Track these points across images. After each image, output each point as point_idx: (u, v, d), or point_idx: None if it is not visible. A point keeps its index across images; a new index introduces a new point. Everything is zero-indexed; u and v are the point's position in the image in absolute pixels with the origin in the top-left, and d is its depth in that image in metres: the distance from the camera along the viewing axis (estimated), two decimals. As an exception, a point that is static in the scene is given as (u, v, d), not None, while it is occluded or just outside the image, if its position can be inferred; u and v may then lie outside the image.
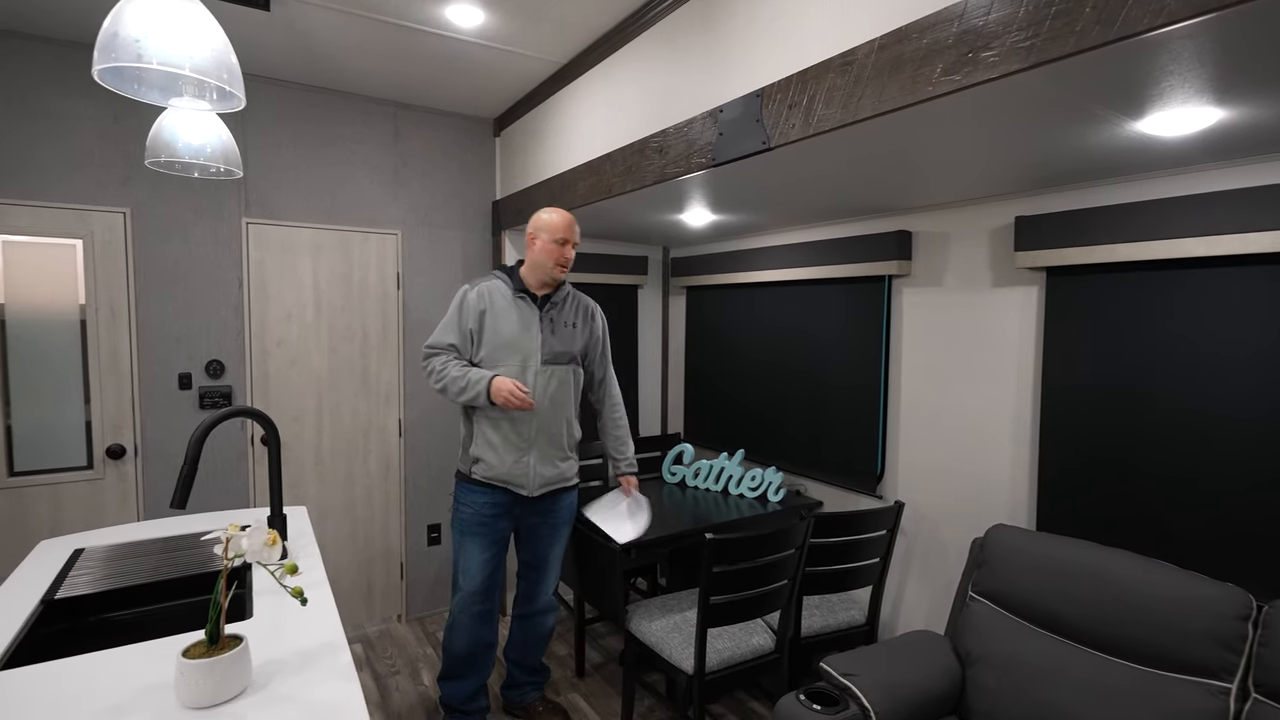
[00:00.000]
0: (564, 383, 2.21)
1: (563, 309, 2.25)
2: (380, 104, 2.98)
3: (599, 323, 2.35)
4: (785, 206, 2.41)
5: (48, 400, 2.45)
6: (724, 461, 2.90)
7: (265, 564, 0.99)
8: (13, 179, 2.34)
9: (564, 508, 2.30)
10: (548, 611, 2.39)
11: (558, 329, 2.20)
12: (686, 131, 1.86)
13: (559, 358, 2.19)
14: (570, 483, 2.31)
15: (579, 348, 2.25)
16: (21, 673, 1.08)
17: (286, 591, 1.01)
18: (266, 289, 2.80)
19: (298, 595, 1.00)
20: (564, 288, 2.27)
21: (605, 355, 2.39)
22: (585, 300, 2.34)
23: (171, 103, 1.15)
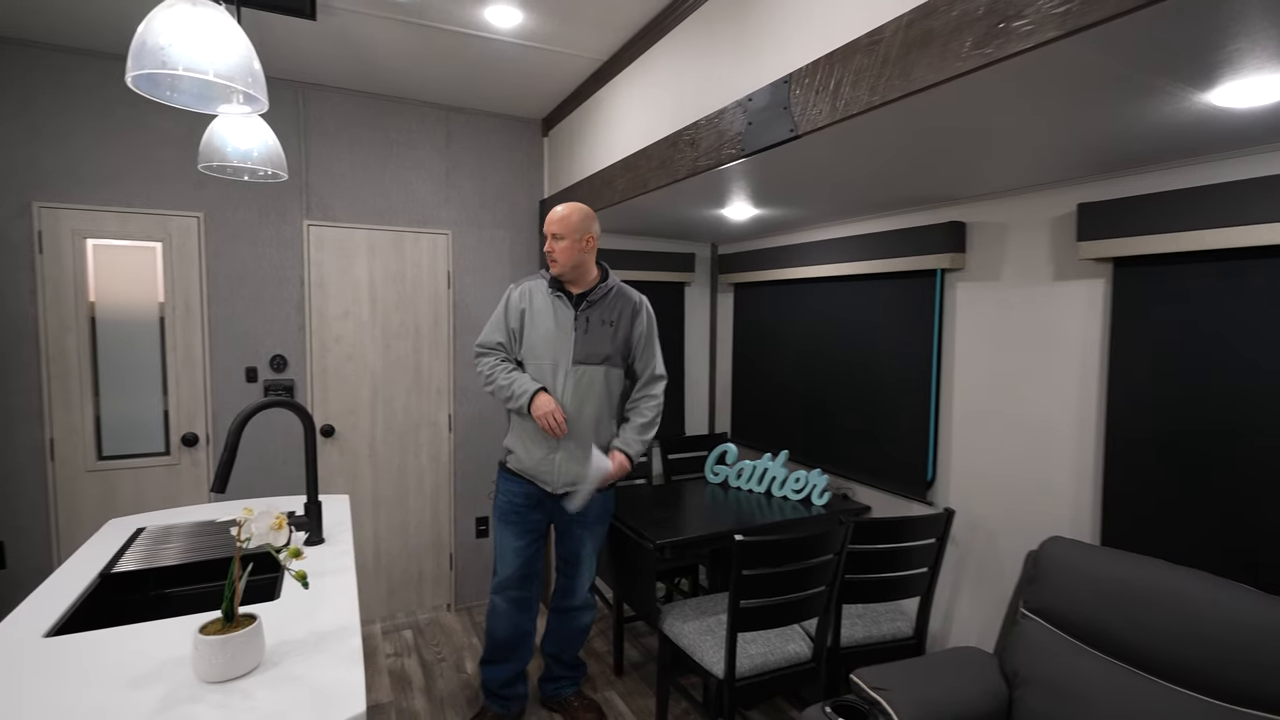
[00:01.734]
0: (594, 383, 2.16)
1: (600, 307, 2.19)
2: (433, 108, 3.08)
3: (643, 319, 2.23)
4: (828, 199, 2.32)
5: (131, 391, 2.67)
6: (767, 462, 2.82)
7: (271, 547, 1.03)
8: (103, 188, 2.55)
9: (594, 507, 2.24)
10: (583, 609, 2.38)
11: (592, 328, 2.17)
12: (717, 122, 1.82)
13: (590, 358, 2.15)
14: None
15: (614, 347, 2.18)
16: (67, 640, 1.17)
17: (290, 574, 1.05)
18: (325, 288, 2.94)
19: (300, 579, 1.04)
20: (606, 284, 2.22)
21: (651, 353, 2.25)
22: (631, 296, 2.24)
23: (202, 108, 1.21)
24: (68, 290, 2.54)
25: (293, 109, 2.83)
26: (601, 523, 2.32)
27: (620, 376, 2.23)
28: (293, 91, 2.82)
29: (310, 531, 1.65)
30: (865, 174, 1.92)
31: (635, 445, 2.20)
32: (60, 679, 1.03)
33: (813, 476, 2.68)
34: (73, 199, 2.52)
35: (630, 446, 2.20)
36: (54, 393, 2.54)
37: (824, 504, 2.63)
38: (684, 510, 2.68)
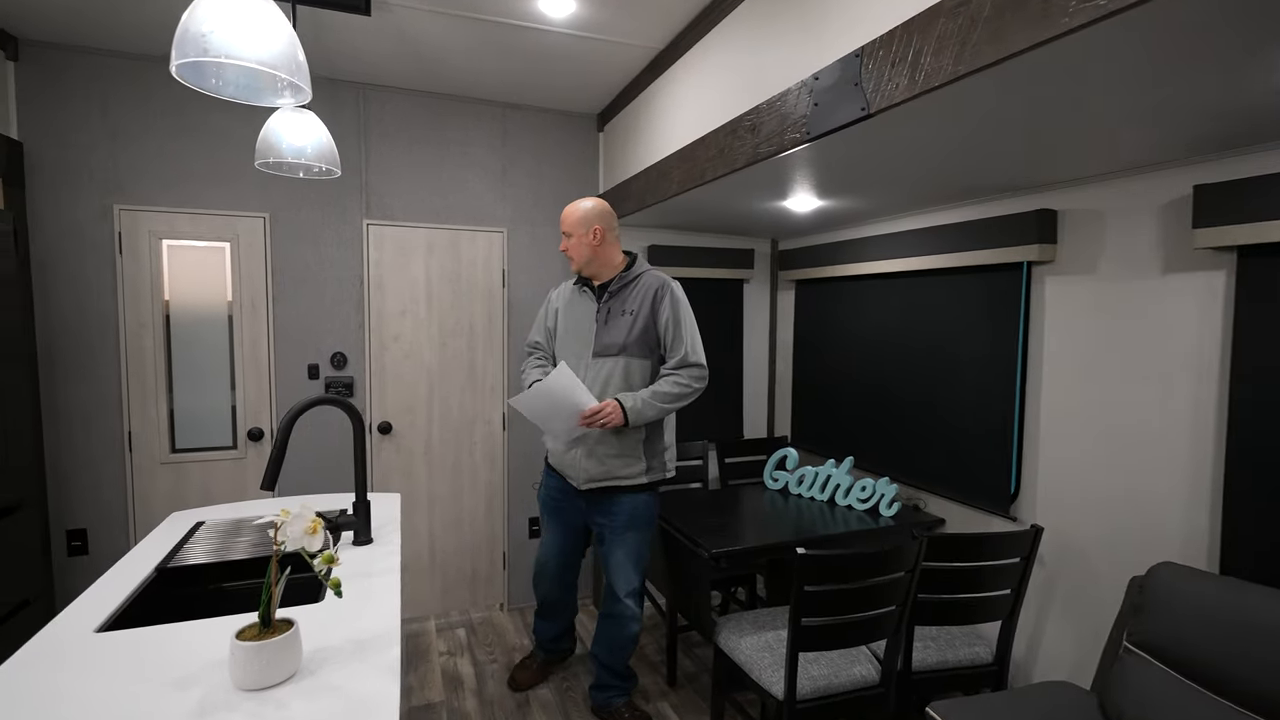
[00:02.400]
0: (613, 376, 2.09)
1: (620, 296, 2.14)
2: (489, 105, 3.06)
3: (665, 304, 2.09)
4: (901, 187, 2.16)
5: (201, 387, 2.76)
6: (830, 469, 2.67)
7: (305, 553, 0.99)
8: (176, 190, 2.64)
9: (624, 510, 2.14)
10: (624, 617, 2.24)
11: (611, 318, 2.12)
12: (779, 106, 1.70)
13: (607, 350, 2.11)
14: (625, 482, 2.12)
15: (630, 337, 2.08)
16: (116, 636, 1.16)
17: (324, 583, 1.01)
18: (384, 287, 2.97)
19: (334, 587, 0.99)
20: (630, 273, 2.16)
21: (680, 338, 2.08)
22: (652, 281, 2.13)
23: (249, 100, 1.18)
24: (145, 289, 2.64)
25: (354, 110, 2.86)
26: (634, 529, 2.17)
27: (644, 367, 2.11)
28: (354, 92, 2.85)
29: (358, 531, 1.63)
30: (944, 157, 1.76)
31: (632, 401, 2.00)
32: (102, 677, 1.02)
33: (880, 485, 2.51)
34: (149, 201, 2.62)
35: (626, 400, 2.00)
36: (132, 387, 2.65)
37: (893, 515, 2.46)
38: (741, 517, 2.56)
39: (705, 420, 3.32)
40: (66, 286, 2.54)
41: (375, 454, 3.01)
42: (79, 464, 2.60)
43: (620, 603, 2.21)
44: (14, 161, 2.40)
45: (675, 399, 2.05)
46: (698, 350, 2.10)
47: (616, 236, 2.21)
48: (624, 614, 2.23)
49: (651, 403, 2.02)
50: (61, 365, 2.55)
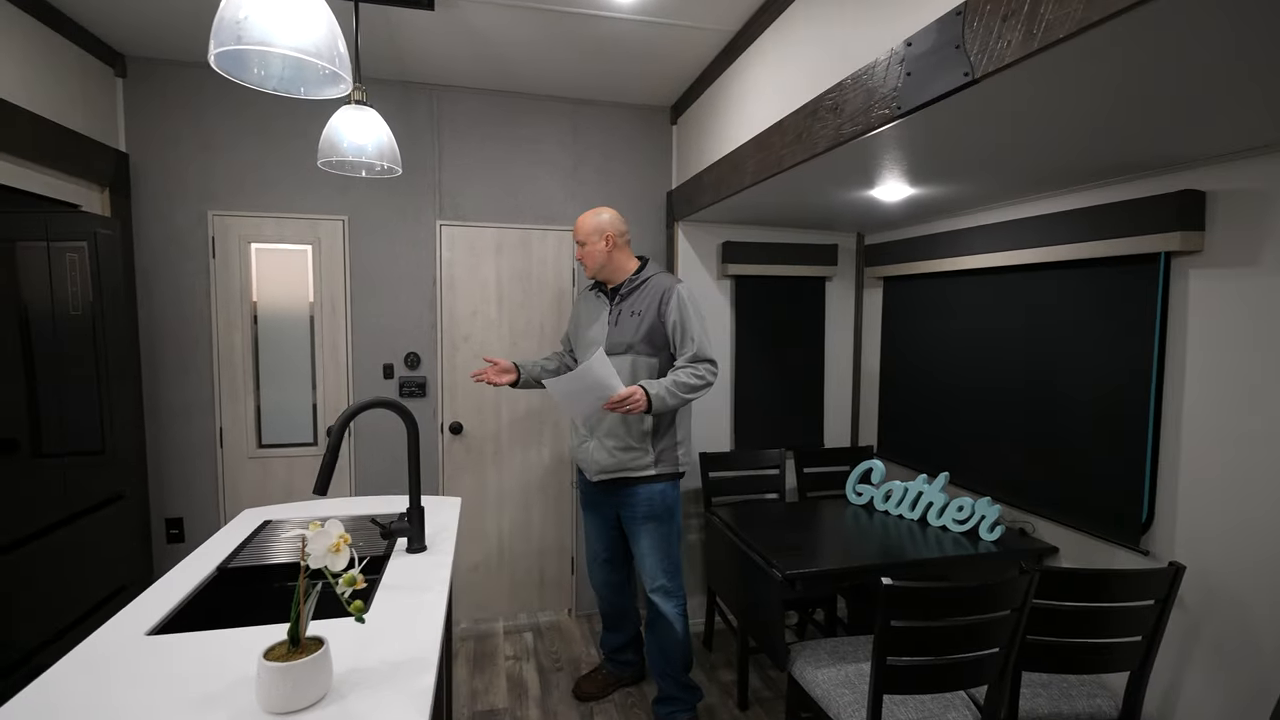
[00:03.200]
0: (621, 372, 2.15)
1: (630, 298, 2.27)
2: (559, 101, 3.01)
3: (672, 305, 2.19)
4: (1009, 169, 1.90)
5: (285, 385, 2.85)
6: (922, 485, 2.42)
7: (328, 572, 0.92)
8: (263, 195, 2.74)
9: (642, 501, 2.23)
10: (659, 615, 2.26)
11: (622, 319, 2.25)
12: (866, 80, 1.51)
13: (616, 348, 2.22)
14: (638, 474, 2.22)
15: (638, 336, 2.20)
16: (164, 641, 1.15)
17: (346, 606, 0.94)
18: (455, 286, 2.98)
19: (357, 613, 0.92)
20: (638, 276, 2.28)
21: (689, 336, 2.18)
22: (660, 284, 2.25)
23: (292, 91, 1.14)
24: (235, 291, 2.76)
25: (427, 111, 2.88)
26: (653, 519, 2.24)
27: (651, 365, 2.23)
28: (427, 94, 2.87)
29: (413, 538, 1.58)
30: (1065, 130, 1.51)
31: (656, 388, 2.08)
32: (134, 688, 1.00)
33: (981, 506, 2.24)
34: (239, 207, 2.73)
35: (651, 387, 2.08)
36: (223, 385, 2.77)
37: (995, 540, 2.19)
38: (821, 535, 2.37)
39: (783, 427, 3.12)
40: (166, 289, 2.69)
41: (446, 453, 3.02)
42: (176, 457, 2.75)
43: (650, 597, 2.28)
44: (120, 172, 2.56)
45: (692, 389, 2.14)
46: (706, 347, 2.19)
47: (627, 242, 2.35)
48: (656, 612, 2.27)
49: (673, 391, 2.10)
50: (161, 364, 2.71)
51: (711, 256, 3.04)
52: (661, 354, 2.23)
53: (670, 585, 2.25)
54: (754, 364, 3.09)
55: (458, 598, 3.08)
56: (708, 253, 3.04)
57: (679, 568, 2.29)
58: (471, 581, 3.10)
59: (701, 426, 3.05)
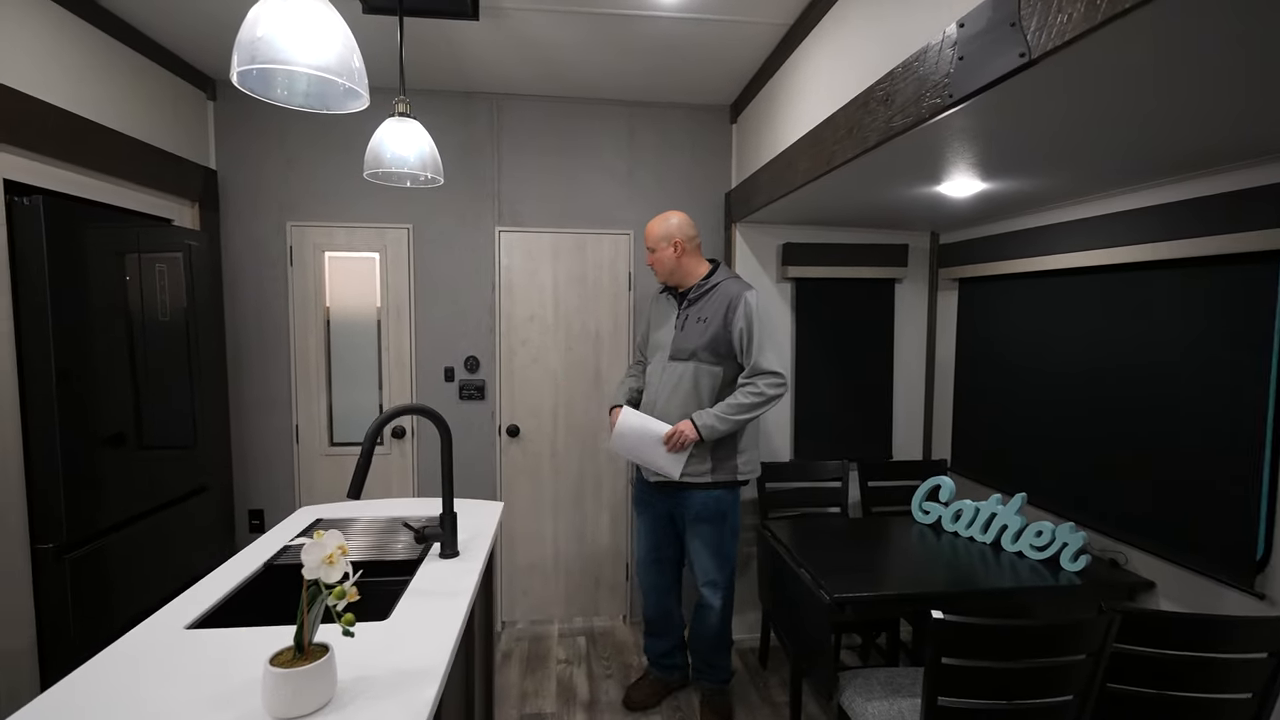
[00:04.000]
0: (683, 378, 2.23)
1: (698, 304, 2.27)
2: (615, 105, 2.99)
3: (739, 313, 2.18)
4: (1085, 160, 1.70)
5: (354, 386, 2.99)
6: (996, 505, 2.22)
7: (322, 584, 0.93)
8: (336, 206, 2.89)
9: (696, 504, 2.27)
10: (702, 606, 2.36)
11: (688, 324, 2.26)
12: (916, 67, 1.39)
13: (679, 354, 2.25)
14: (695, 479, 2.23)
15: (701, 343, 2.21)
16: (199, 635, 1.21)
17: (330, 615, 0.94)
18: (513, 291, 3.02)
19: (346, 625, 0.92)
20: (708, 281, 2.28)
21: (756, 348, 2.16)
22: (729, 290, 2.23)
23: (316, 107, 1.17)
24: (310, 297, 2.92)
25: (487, 120, 2.94)
26: (706, 521, 2.27)
27: (714, 373, 2.22)
28: (487, 103, 2.93)
29: (445, 543, 1.60)
30: (1145, 115, 1.33)
31: (705, 418, 2.14)
32: (160, 681, 1.05)
33: (1063, 532, 2.03)
34: (315, 217, 2.89)
35: (700, 418, 2.15)
36: (299, 385, 2.94)
37: (1079, 570, 1.97)
38: (881, 554, 2.22)
39: (846, 437, 2.97)
40: (248, 295, 2.88)
41: (503, 456, 3.07)
42: (257, 452, 2.94)
43: (699, 591, 2.36)
44: (210, 188, 2.76)
45: (749, 409, 2.14)
46: (770, 358, 2.15)
47: (697, 246, 2.35)
48: (701, 602, 2.35)
49: (724, 417, 2.13)
50: (244, 365, 2.90)
51: (771, 258, 2.93)
52: (726, 362, 2.22)
53: (719, 580, 2.31)
54: (816, 371, 2.96)
55: (513, 598, 3.13)
56: (767, 255, 2.93)
57: (730, 565, 2.34)
58: (528, 583, 3.14)
59: (761, 436, 2.94)
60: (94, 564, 2.00)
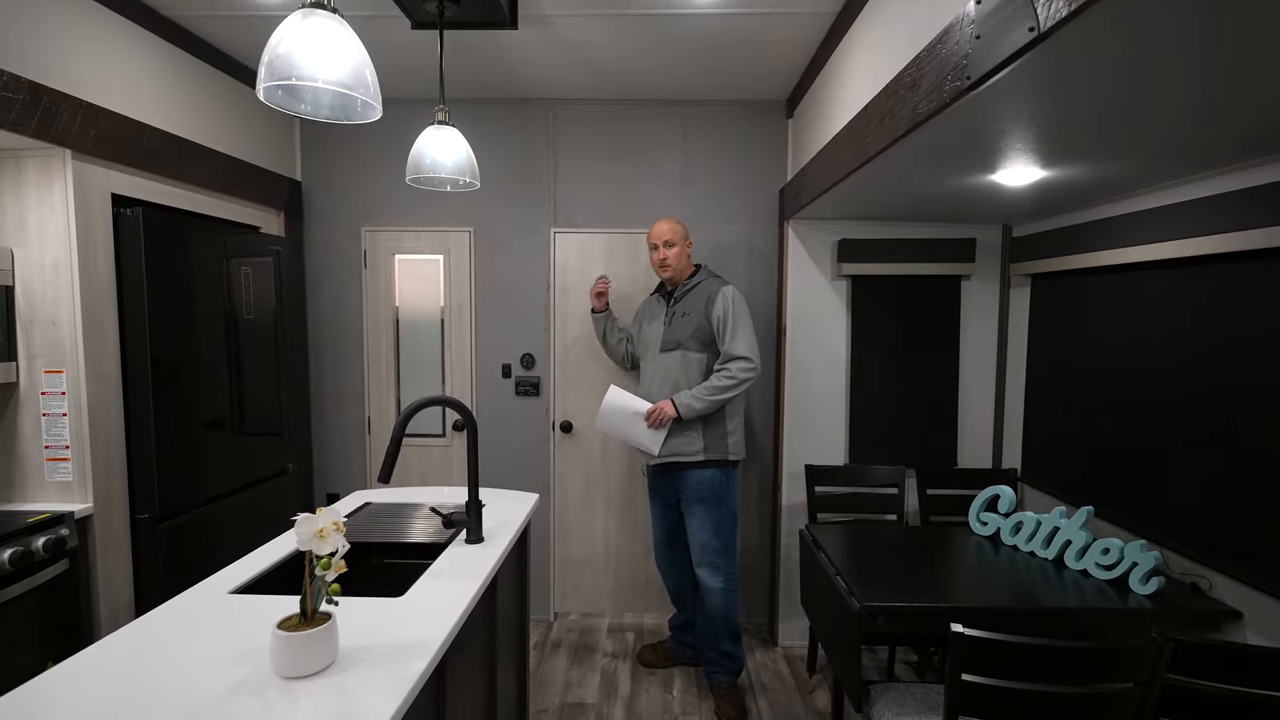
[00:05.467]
0: (673, 367, 2.43)
1: (683, 300, 2.47)
2: (667, 105, 3.00)
3: (717, 305, 2.37)
4: (1141, 143, 1.54)
5: (420, 381, 3.17)
6: (1059, 519, 2.05)
7: (314, 555, 1.01)
8: (405, 211, 3.08)
9: (693, 484, 2.42)
10: (704, 588, 2.45)
11: (675, 319, 2.47)
12: (939, 49, 1.32)
13: (668, 345, 2.46)
14: (687, 458, 2.39)
15: (686, 333, 2.41)
16: (239, 600, 1.34)
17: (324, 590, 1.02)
18: (568, 291, 3.10)
19: (331, 594, 1.00)
20: (692, 280, 2.49)
21: (732, 336, 2.34)
22: (709, 288, 2.44)
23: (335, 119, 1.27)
24: (381, 298, 3.13)
25: (544, 125, 3.03)
26: (702, 502, 2.41)
27: (700, 360, 2.42)
28: (543, 109, 3.02)
29: (470, 529, 1.68)
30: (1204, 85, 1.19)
31: (682, 398, 2.34)
32: (195, 638, 1.17)
33: (1133, 551, 1.85)
34: (386, 222, 3.09)
35: (679, 397, 2.35)
36: (371, 380, 3.16)
37: (1150, 593, 1.79)
38: (930, 565, 2.11)
39: (906, 442, 2.83)
40: (327, 296, 3.13)
41: (556, 451, 3.15)
42: (334, 440, 3.18)
43: (697, 572, 2.46)
44: (294, 198, 3.03)
45: (722, 390, 2.32)
46: (741, 344, 2.33)
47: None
48: (701, 584, 2.46)
49: (700, 397, 2.32)
50: (324, 360, 3.15)
51: (825, 255, 2.84)
52: (710, 350, 2.42)
53: (718, 561, 2.43)
54: (873, 373, 2.84)
55: (565, 591, 3.21)
56: (821, 252, 2.84)
57: (729, 547, 2.46)
58: (579, 576, 3.21)
59: (811, 437, 2.87)
60: (186, 533, 2.25)
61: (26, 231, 1.91)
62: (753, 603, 3.15)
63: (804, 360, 2.87)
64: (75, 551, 1.90)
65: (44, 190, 1.90)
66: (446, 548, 1.65)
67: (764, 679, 2.70)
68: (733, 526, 2.48)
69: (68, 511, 1.89)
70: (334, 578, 1.02)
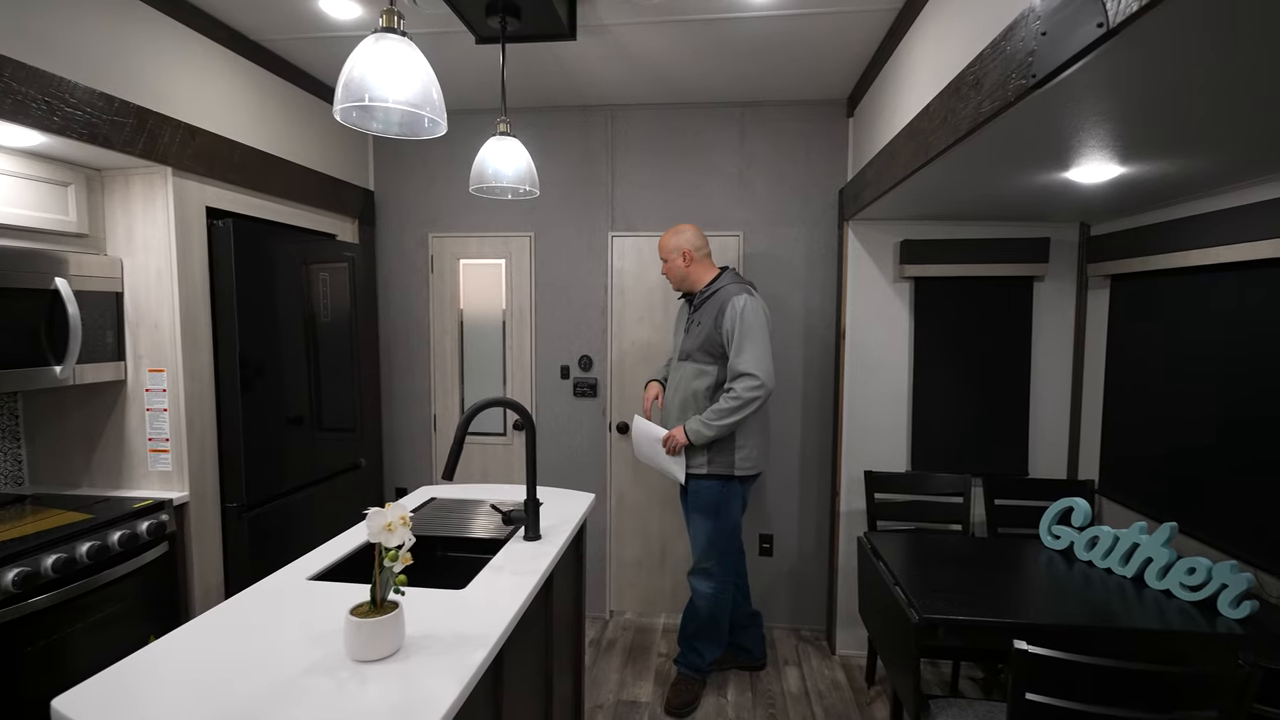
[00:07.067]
0: (684, 377, 2.43)
1: (701, 309, 2.43)
2: (726, 107, 3.00)
3: (727, 316, 2.32)
4: (1228, 140, 1.44)
5: (483, 381, 3.29)
6: (1138, 535, 1.93)
7: (383, 547, 1.07)
8: (469, 217, 3.20)
9: (692, 493, 2.44)
10: (696, 593, 2.50)
11: (691, 328, 2.45)
12: (1004, 46, 1.28)
13: (683, 354, 2.46)
14: (693, 470, 2.41)
15: (696, 344, 2.39)
16: (317, 586, 1.44)
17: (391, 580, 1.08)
18: (625, 294, 3.14)
19: (398, 584, 1.06)
20: (709, 288, 2.43)
21: (738, 350, 2.28)
22: (723, 296, 2.37)
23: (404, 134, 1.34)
24: (447, 301, 3.26)
25: (603, 131, 3.09)
26: (699, 512, 2.44)
27: (708, 372, 2.38)
28: (603, 115, 3.08)
29: (528, 527, 1.73)
30: (1309, 76, 1.11)
31: (692, 424, 2.33)
32: (277, 618, 1.27)
33: (1222, 571, 1.73)
34: (452, 228, 3.22)
35: (688, 425, 2.35)
36: (436, 380, 3.29)
37: (1242, 617, 1.67)
38: (998, 578, 2.03)
39: (973, 450, 2.74)
40: (397, 299, 3.28)
41: (613, 452, 3.20)
42: (402, 437, 3.33)
43: (689, 576, 2.53)
44: (368, 207, 3.19)
45: (729, 413, 2.28)
46: (747, 360, 2.26)
47: (706, 256, 2.50)
48: (692, 587, 2.52)
49: (708, 423, 2.30)
50: (394, 360, 3.31)
51: (887, 257, 2.78)
52: (720, 363, 2.37)
53: (712, 569, 2.46)
54: (937, 377, 2.75)
55: (621, 589, 3.25)
56: (882, 253, 2.78)
57: (725, 555, 2.47)
58: (635, 576, 3.24)
59: (871, 442, 2.81)
60: (268, 521, 2.41)
61: (134, 243, 2.10)
62: (809, 609, 3.11)
63: (864, 363, 2.81)
64: (173, 536, 2.07)
65: (149, 205, 2.08)
66: (505, 544, 1.71)
67: (820, 687, 2.66)
68: (732, 537, 2.49)
69: (167, 499, 2.06)
70: (401, 569, 1.09)
